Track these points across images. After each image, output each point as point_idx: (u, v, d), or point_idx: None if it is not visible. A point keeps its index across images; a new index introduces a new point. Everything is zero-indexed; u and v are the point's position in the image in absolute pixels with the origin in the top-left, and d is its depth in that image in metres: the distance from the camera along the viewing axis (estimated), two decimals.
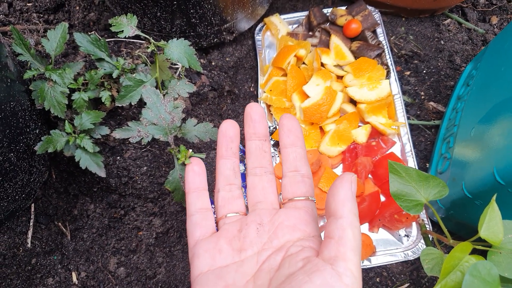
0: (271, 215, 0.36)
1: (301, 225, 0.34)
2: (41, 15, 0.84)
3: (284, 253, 0.32)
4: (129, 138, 0.51)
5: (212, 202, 0.40)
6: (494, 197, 0.43)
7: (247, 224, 0.35)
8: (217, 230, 0.37)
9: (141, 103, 0.68)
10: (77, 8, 0.86)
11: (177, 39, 0.57)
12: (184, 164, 0.55)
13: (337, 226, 0.29)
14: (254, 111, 0.39)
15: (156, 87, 0.60)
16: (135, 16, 0.57)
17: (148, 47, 0.57)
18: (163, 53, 0.55)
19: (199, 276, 0.34)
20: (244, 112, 0.40)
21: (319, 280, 0.27)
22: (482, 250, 0.45)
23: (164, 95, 0.49)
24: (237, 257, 0.34)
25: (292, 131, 0.38)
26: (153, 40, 0.57)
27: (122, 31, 0.55)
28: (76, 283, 0.66)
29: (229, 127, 0.40)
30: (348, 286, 0.26)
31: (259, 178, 0.38)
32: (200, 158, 0.64)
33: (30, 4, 0.85)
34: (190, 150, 0.55)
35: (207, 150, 0.72)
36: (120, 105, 0.58)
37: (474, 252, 0.45)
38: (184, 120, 0.51)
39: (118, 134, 0.51)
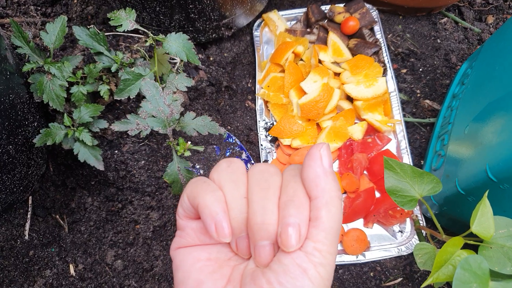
0: None
1: None
2: (39, 8, 0.84)
3: None
4: (127, 131, 0.51)
5: None
6: (486, 194, 0.44)
7: None
8: None
9: (139, 98, 0.68)
10: (75, 1, 0.85)
11: (176, 33, 0.57)
12: (182, 156, 0.56)
13: (312, 207, 0.28)
14: None
15: (155, 80, 0.60)
16: (133, 10, 0.57)
17: (146, 41, 0.58)
18: (162, 47, 0.55)
19: (180, 248, 0.32)
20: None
21: (287, 260, 0.27)
22: (474, 245, 0.46)
23: (163, 88, 0.49)
24: None
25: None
26: (151, 34, 0.57)
27: (121, 25, 0.56)
28: (74, 275, 0.66)
29: None
30: (316, 264, 0.27)
31: None
32: (198, 150, 0.64)
33: None
34: (189, 143, 0.56)
35: (205, 144, 0.73)
36: (118, 99, 0.58)
37: (465, 247, 0.46)
38: (182, 113, 0.51)
39: (117, 126, 0.51)
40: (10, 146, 0.54)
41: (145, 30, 0.58)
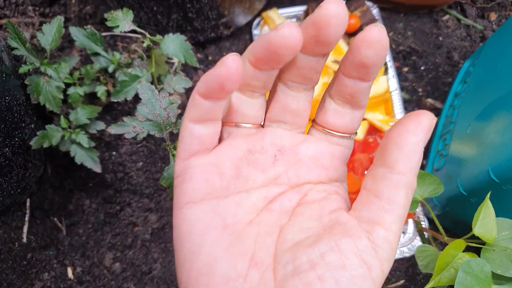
0: (296, 141, 0.26)
1: (331, 167, 0.26)
2: (37, 8, 0.83)
3: (301, 196, 0.26)
4: (124, 134, 0.50)
5: None
6: (488, 195, 0.43)
7: (263, 147, 0.26)
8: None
9: (137, 98, 0.67)
10: (73, 1, 0.85)
11: (174, 33, 0.56)
12: None
13: (390, 183, 0.21)
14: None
15: (152, 82, 0.59)
16: (131, 10, 0.56)
17: (143, 42, 0.57)
18: (159, 48, 0.55)
19: (187, 206, 0.24)
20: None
21: (349, 250, 0.21)
22: (476, 247, 0.45)
23: (159, 90, 0.48)
24: (242, 186, 0.25)
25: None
26: (148, 35, 0.56)
27: (118, 26, 0.55)
28: (72, 278, 0.66)
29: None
30: (383, 261, 0.21)
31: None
32: None
33: None
34: None
35: None
36: (115, 100, 0.57)
37: (468, 249, 0.45)
38: (180, 115, 0.50)
39: (113, 129, 0.51)
40: (7, 149, 0.54)
41: (142, 31, 0.57)
